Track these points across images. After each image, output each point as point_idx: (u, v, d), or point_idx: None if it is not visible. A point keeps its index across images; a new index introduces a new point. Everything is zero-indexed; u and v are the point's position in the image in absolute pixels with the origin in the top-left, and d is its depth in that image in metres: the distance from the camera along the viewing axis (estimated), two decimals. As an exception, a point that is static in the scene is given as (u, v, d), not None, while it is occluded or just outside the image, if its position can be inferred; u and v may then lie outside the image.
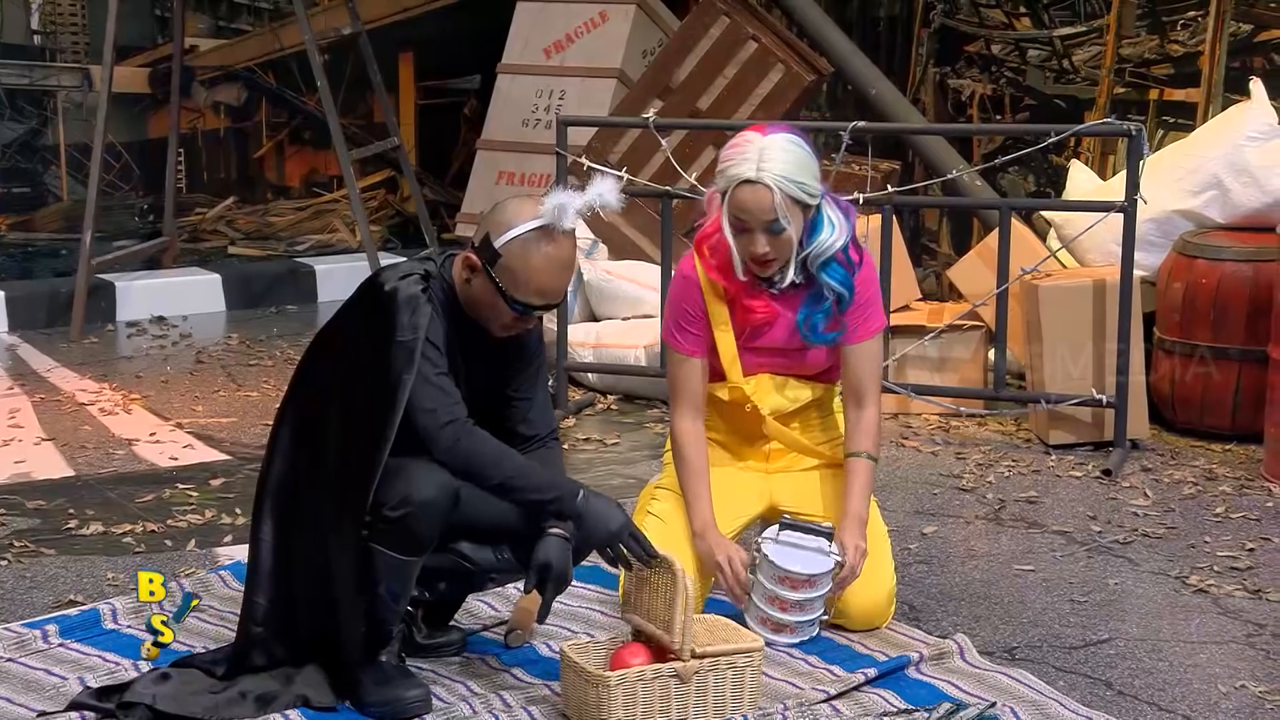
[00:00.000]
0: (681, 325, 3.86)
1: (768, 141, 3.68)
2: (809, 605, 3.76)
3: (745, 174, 3.66)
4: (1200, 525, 4.71)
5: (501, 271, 3.34)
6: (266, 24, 8.40)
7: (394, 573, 3.34)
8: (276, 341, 7.01)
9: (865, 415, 3.85)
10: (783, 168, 3.65)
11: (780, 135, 3.71)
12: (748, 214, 3.67)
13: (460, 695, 3.48)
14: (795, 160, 3.68)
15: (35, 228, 7.90)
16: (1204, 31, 6.47)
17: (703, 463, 3.85)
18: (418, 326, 3.33)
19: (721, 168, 3.73)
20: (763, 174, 3.64)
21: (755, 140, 3.69)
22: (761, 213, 3.66)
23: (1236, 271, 5.47)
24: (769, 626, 3.76)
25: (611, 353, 6.06)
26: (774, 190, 3.64)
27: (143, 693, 3.33)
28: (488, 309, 3.40)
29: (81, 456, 5.31)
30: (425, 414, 3.32)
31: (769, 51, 6.70)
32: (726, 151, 3.73)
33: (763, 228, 3.67)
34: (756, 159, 3.65)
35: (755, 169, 3.65)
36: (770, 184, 3.64)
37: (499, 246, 3.34)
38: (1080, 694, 3.54)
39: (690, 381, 3.86)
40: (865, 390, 3.85)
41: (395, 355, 3.31)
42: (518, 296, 3.36)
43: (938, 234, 7.42)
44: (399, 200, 8.77)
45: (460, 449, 3.33)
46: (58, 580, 4.18)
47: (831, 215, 3.75)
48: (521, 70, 7.91)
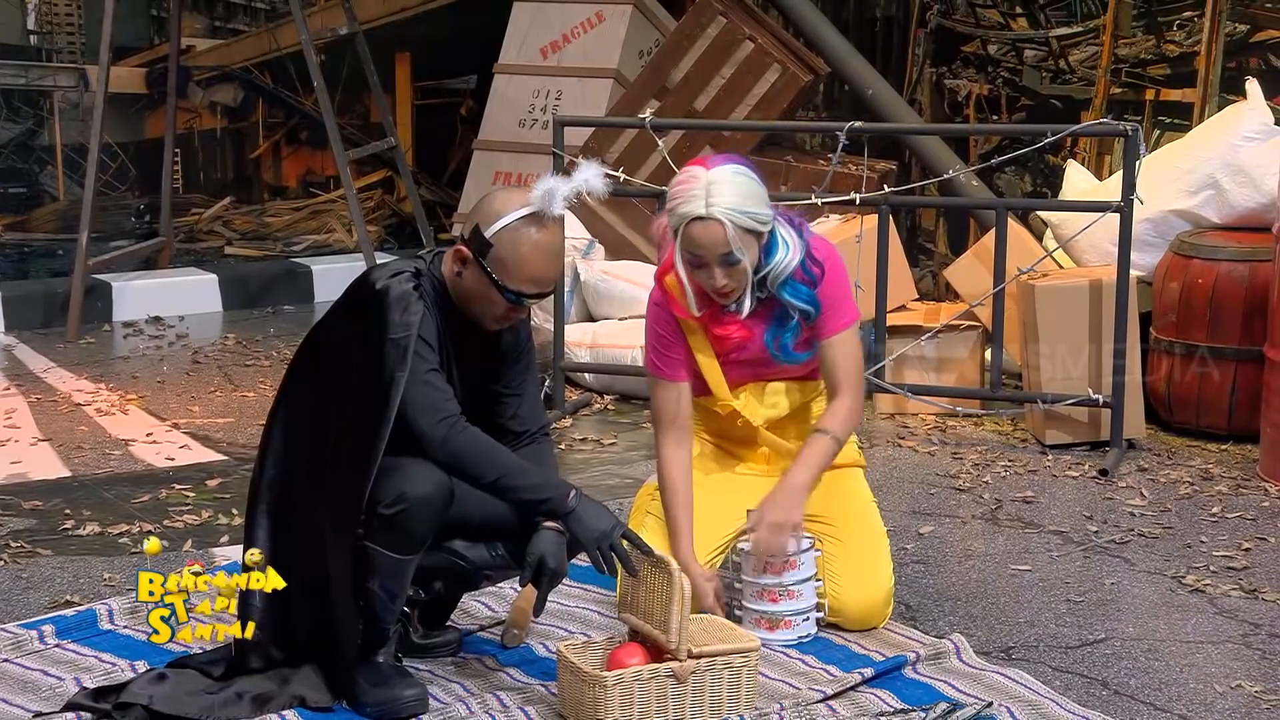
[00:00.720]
0: (661, 351, 3.86)
1: (713, 175, 3.65)
2: (799, 592, 3.76)
3: (695, 211, 3.63)
4: (1196, 525, 4.72)
5: (493, 261, 3.35)
6: (263, 24, 8.39)
7: (390, 571, 3.34)
8: (273, 342, 7.01)
9: (838, 402, 3.84)
10: (732, 200, 3.63)
11: (725, 167, 3.68)
12: (702, 249, 3.66)
13: (457, 695, 3.48)
14: (743, 190, 3.66)
15: (31, 228, 7.89)
16: (1200, 32, 6.47)
17: (686, 491, 3.82)
18: (410, 324, 3.33)
19: (670, 206, 3.70)
20: (713, 209, 3.62)
21: (701, 175, 3.66)
22: (715, 247, 3.64)
23: (1233, 271, 5.47)
24: (764, 625, 3.76)
25: (608, 353, 6.06)
26: (725, 224, 3.62)
27: (139, 693, 3.33)
28: (480, 301, 3.40)
29: (78, 457, 5.30)
30: (418, 412, 3.32)
31: (765, 52, 6.70)
32: (674, 189, 3.70)
33: (718, 261, 3.66)
34: (704, 194, 3.63)
35: (704, 205, 3.63)
36: (721, 218, 3.62)
37: (490, 236, 3.35)
38: (1076, 694, 3.54)
39: (674, 406, 3.85)
40: (840, 382, 3.83)
41: (388, 354, 3.32)
42: (510, 285, 3.36)
43: (934, 234, 7.43)
44: (396, 200, 8.77)
45: (453, 446, 3.33)
46: (54, 581, 4.18)
47: (784, 235, 3.74)
48: (518, 70, 7.90)
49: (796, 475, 3.76)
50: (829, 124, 6.18)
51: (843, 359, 3.83)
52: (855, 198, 5.54)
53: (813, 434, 3.82)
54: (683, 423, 3.86)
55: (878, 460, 5.26)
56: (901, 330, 5.74)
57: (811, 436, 3.82)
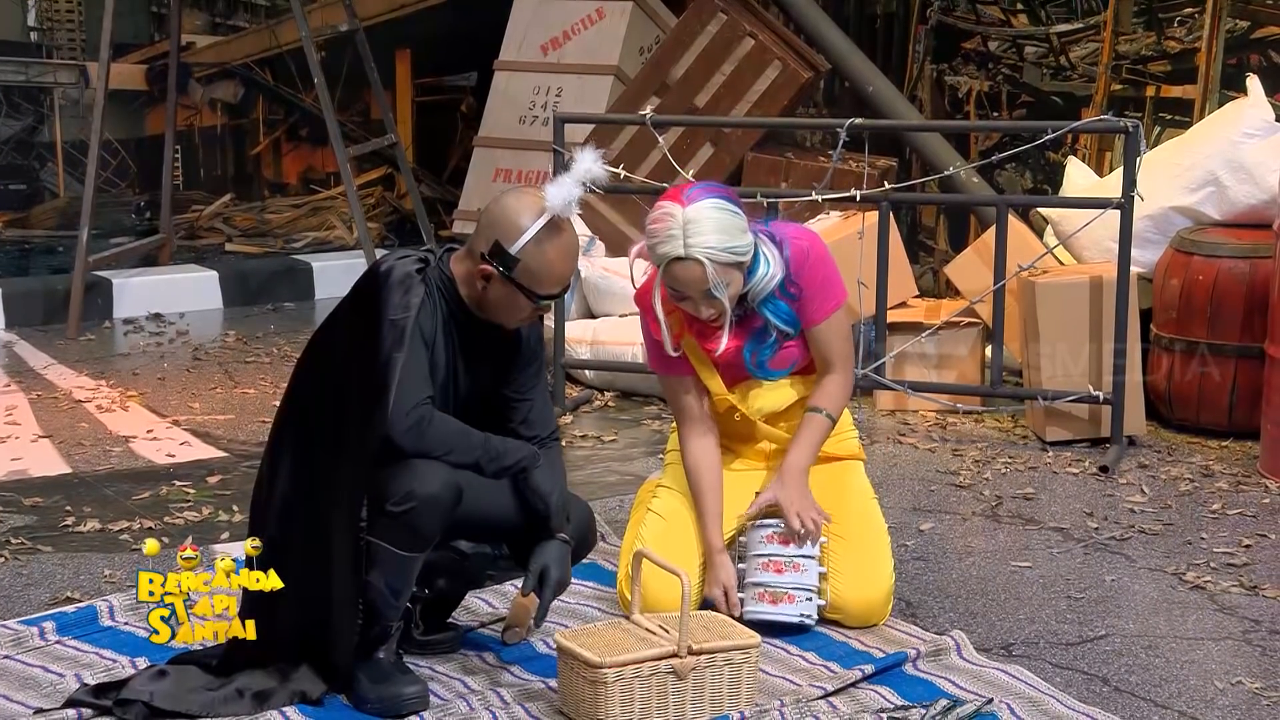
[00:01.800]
0: (661, 354, 3.86)
1: (690, 214, 3.63)
2: (803, 566, 3.77)
3: (674, 252, 3.63)
4: (1197, 522, 4.72)
5: (522, 274, 3.35)
6: (263, 21, 8.39)
7: (395, 569, 3.34)
8: (273, 338, 7.01)
9: (831, 379, 3.86)
10: (712, 239, 3.62)
11: (702, 203, 3.64)
12: (684, 286, 3.67)
13: (458, 692, 3.48)
14: (721, 226, 3.64)
15: (32, 225, 7.89)
16: (1201, 28, 6.47)
17: (715, 481, 3.85)
18: (409, 306, 3.33)
19: (650, 244, 3.69)
20: (691, 250, 3.61)
21: (677, 215, 3.63)
22: (697, 284, 3.65)
23: (1233, 268, 5.47)
24: (767, 599, 3.76)
25: (609, 350, 6.06)
26: (705, 264, 3.62)
27: (140, 690, 3.33)
28: (507, 309, 3.41)
29: (78, 453, 5.30)
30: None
31: (766, 48, 6.70)
32: (651, 226, 3.68)
33: (701, 296, 3.68)
34: (681, 235, 3.62)
35: (683, 246, 3.62)
36: (700, 258, 3.61)
37: (516, 252, 3.35)
38: (1077, 690, 3.55)
39: (690, 398, 3.88)
40: (831, 362, 3.86)
41: (385, 335, 3.31)
42: (540, 291, 3.38)
43: (935, 231, 7.42)
44: (396, 197, 8.76)
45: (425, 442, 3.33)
46: (54, 577, 4.18)
47: (766, 252, 3.73)
48: (519, 67, 7.90)
49: (796, 456, 3.80)
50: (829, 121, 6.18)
51: (833, 340, 3.85)
52: (856, 195, 5.53)
53: (808, 413, 3.84)
54: (702, 413, 3.88)
55: (878, 457, 5.26)
56: (902, 327, 5.74)
57: (807, 416, 3.84)
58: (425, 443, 3.32)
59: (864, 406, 5.84)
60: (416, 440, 3.32)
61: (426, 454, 3.32)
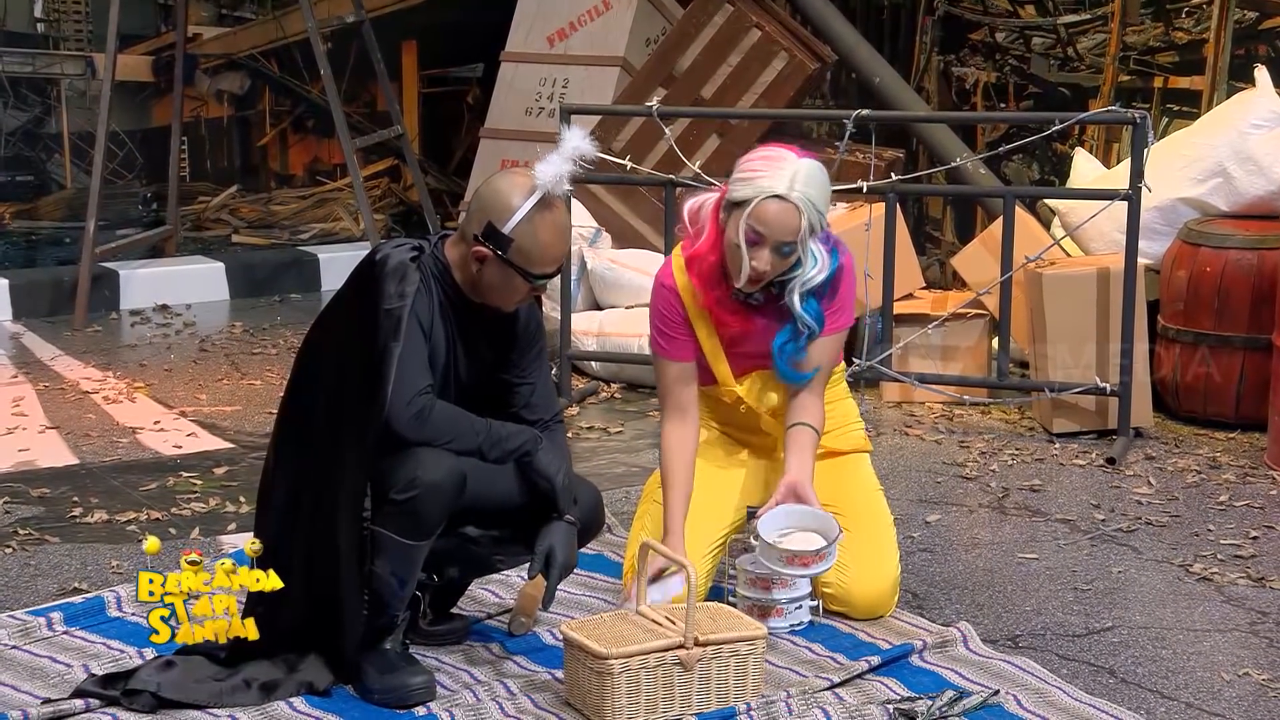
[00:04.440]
0: (665, 332, 3.84)
1: (802, 164, 3.64)
2: (791, 581, 3.76)
3: (778, 189, 3.60)
4: (1204, 513, 4.71)
5: (517, 254, 3.36)
6: (269, 12, 8.39)
7: (400, 558, 3.34)
8: (280, 330, 7.01)
9: (809, 399, 3.81)
10: (814, 192, 3.64)
11: (812, 161, 3.68)
12: (768, 228, 3.62)
13: (464, 683, 3.48)
14: (822, 190, 3.67)
15: (39, 216, 7.90)
16: (1208, 19, 6.46)
17: (684, 474, 3.80)
18: (405, 294, 3.33)
19: (747, 177, 3.65)
20: (793, 193, 3.61)
21: (789, 159, 3.65)
22: (784, 232, 3.62)
23: (1241, 259, 5.46)
24: (755, 613, 3.75)
25: (615, 341, 6.06)
26: (802, 212, 3.62)
27: (147, 680, 3.33)
28: (503, 290, 3.41)
29: (85, 445, 5.31)
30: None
31: (772, 39, 6.69)
32: (752, 162, 3.67)
33: (775, 246, 3.64)
34: (791, 176, 3.62)
35: (788, 186, 3.61)
36: (800, 204, 3.61)
37: (509, 232, 3.35)
38: (1083, 682, 3.55)
39: (677, 385, 3.84)
40: (813, 380, 3.82)
41: (381, 324, 3.32)
42: (535, 271, 3.38)
43: (941, 222, 7.42)
44: (402, 189, 8.76)
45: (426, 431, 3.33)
46: (62, 568, 4.19)
47: (815, 249, 3.72)
48: (525, 58, 7.90)
49: (805, 473, 3.75)
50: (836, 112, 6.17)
51: (826, 357, 3.82)
52: (863, 186, 5.53)
53: (797, 428, 3.80)
54: (686, 403, 3.84)
55: (884, 449, 5.26)
56: (908, 318, 5.74)
57: (797, 430, 3.80)
58: (427, 432, 3.33)
59: (870, 398, 5.84)
60: (419, 430, 3.32)
61: (429, 443, 3.33)
